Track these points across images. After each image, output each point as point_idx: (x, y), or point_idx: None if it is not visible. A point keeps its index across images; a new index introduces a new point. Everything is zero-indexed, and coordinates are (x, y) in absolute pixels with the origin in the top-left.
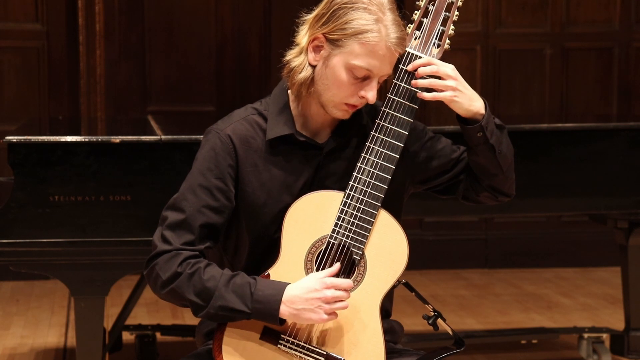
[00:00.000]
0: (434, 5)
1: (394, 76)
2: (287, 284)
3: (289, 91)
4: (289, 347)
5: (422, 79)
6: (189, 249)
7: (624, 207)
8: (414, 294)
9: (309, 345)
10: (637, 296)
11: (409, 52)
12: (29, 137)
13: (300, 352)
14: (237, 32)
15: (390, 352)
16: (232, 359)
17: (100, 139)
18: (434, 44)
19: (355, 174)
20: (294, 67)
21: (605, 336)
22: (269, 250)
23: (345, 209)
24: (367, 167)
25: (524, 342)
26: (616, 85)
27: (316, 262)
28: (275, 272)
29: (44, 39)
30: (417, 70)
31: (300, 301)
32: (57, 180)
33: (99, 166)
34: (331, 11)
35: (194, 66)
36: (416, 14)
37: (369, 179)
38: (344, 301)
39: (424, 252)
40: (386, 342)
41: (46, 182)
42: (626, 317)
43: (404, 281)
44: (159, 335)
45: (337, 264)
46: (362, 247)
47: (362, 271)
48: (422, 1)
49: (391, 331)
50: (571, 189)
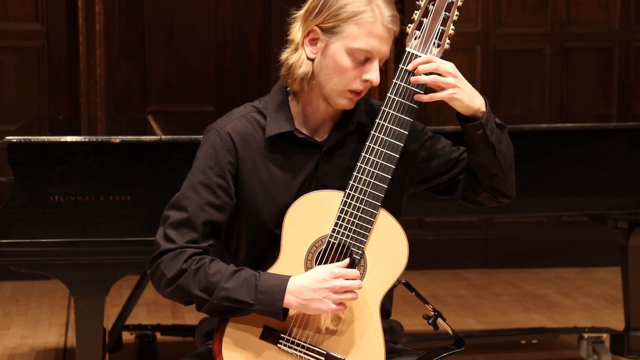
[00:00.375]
0: (434, 5)
1: (393, 76)
2: (291, 276)
3: (287, 89)
4: (289, 347)
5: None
6: (193, 246)
7: (624, 207)
8: (414, 293)
9: (309, 344)
10: (637, 296)
11: (409, 52)
12: (29, 137)
13: (300, 352)
14: (237, 32)
15: (390, 352)
16: (232, 358)
17: (100, 139)
18: (434, 43)
19: (355, 173)
20: (292, 64)
21: (605, 336)
22: (269, 248)
23: (345, 208)
24: (367, 167)
25: (524, 342)
26: (616, 85)
27: (316, 262)
28: (275, 271)
29: (44, 39)
30: (417, 68)
31: (308, 291)
32: (57, 180)
33: (99, 166)
34: (322, 1)
35: (194, 66)
36: (416, 14)
37: (369, 179)
38: (354, 291)
39: (424, 252)
40: (386, 342)
41: (46, 182)
42: (626, 317)
43: (404, 281)
44: (159, 335)
45: (346, 260)
46: (362, 246)
47: (362, 271)
48: (422, 1)
49: (391, 331)
50: (571, 189)
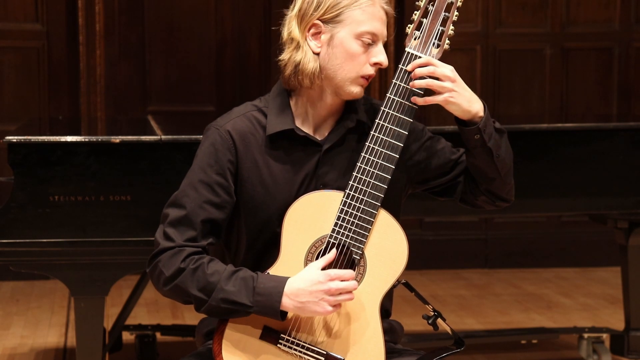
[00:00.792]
0: (433, 5)
1: (393, 76)
2: (289, 277)
3: (288, 89)
4: (289, 347)
5: (420, 79)
6: (192, 245)
7: (624, 207)
8: (413, 293)
9: (308, 344)
10: (637, 296)
11: (409, 52)
12: (29, 137)
13: (300, 352)
14: (237, 32)
15: (390, 352)
16: (232, 358)
17: (100, 139)
18: (434, 44)
19: (355, 173)
20: (299, 61)
21: (605, 336)
22: (269, 246)
23: (345, 208)
24: (367, 167)
25: (524, 342)
26: (616, 85)
27: None
28: (275, 272)
29: (44, 39)
30: (414, 71)
31: (304, 294)
32: (57, 180)
33: (99, 166)
34: None
35: (194, 66)
36: (416, 14)
37: (369, 179)
38: (350, 292)
39: (424, 252)
40: (386, 342)
41: (46, 182)
42: (626, 317)
43: (403, 281)
44: (159, 335)
45: (333, 250)
46: (362, 246)
47: (362, 271)
48: (422, 1)
49: (391, 331)
50: (571, 189)
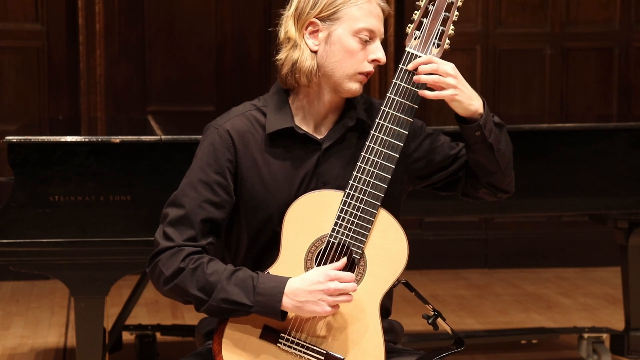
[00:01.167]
0: (433, 5)
1: (393, 76)
2: (289, 277)
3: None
4: (289, 346)
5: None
6: (192, 244)
7: (624, 207)
8: (414, 293)
9: (308, 344)
10: (637, 296)
11: (409, 52)
12: (29, 137)
13: (300, 351)
14: (237, 32)
15: (390, 352)
16: (232, 358)
17: (100, 139)
18: (434, 43)
19: (355, 173)
20: (297, 59)
21: (605, 336)
22: (269, 246)
23: (345, 208)
24: (367, 167)
25: (524, 342)
26: (616, 85)
27: (316, 262)
28: (275, 271)
29: (44, 39)
30: (417, 69)
31: (303, 293)
32: (57, 180)
33: (99, 166)
34: None
35: (194, 66)
36: (416, 14)
37: (369, 178)
38: (349, 294)
39: (424, 252)
40: (386, 342)
41: (46, 182)
42: (626, 317)
43: (403, 281)
44: (159, 335)
45: (344, 259)
46: (362, 246)
47: (362, 270)
48: (422, 1)
49: (391, 331)
50: (571, 189)
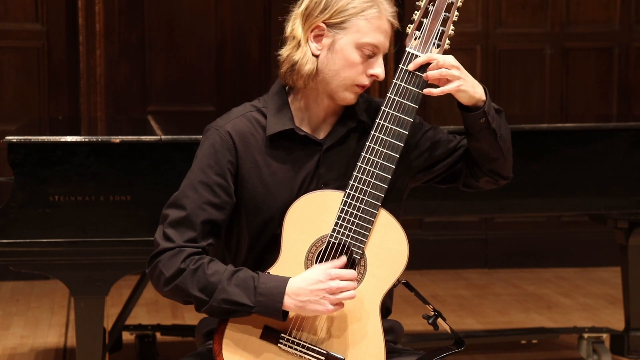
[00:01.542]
0: (433, 5)
1: (393, 76)
2: (290, 277)
3: (286, 88)
4: (289, 346)
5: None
6: (192, 245)
7: (624, 207)
8: (414, 293)
9: (309, 344)
10: (637, 296)
11: (409, 52)
12: (29, 137)
13: (300, 351)
14: (237, 32)
15: (390, 352)
16: (232, 358)
17: (100, 139)
18: (434, 44)
19: (355, 173)
20: (297, 60)
21: (605, 336)
22: (270, 246)
23: (345, 208)
24: (368, 167)
25: (524, 342)
26: (616, 85)
27: (316, 262)
28: (275, 272)
29: (44, 39)
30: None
31: (305, 293)
32: (57, 180)
33: (99, 166)
34: None
35: (194, 66)
36: (416, 14)
37: (369, 178)
38: (351, 291)
39: (424, 252)
40: (386, 342)
41: (46, 182)
42: (626, 317)
43: (404, 281)
44: (159, 335)
45: (343, 257)
46: (363, 246)
47: (362, 270)
48: (422, 1)
49: (391, 331)
50: (571, 189)
